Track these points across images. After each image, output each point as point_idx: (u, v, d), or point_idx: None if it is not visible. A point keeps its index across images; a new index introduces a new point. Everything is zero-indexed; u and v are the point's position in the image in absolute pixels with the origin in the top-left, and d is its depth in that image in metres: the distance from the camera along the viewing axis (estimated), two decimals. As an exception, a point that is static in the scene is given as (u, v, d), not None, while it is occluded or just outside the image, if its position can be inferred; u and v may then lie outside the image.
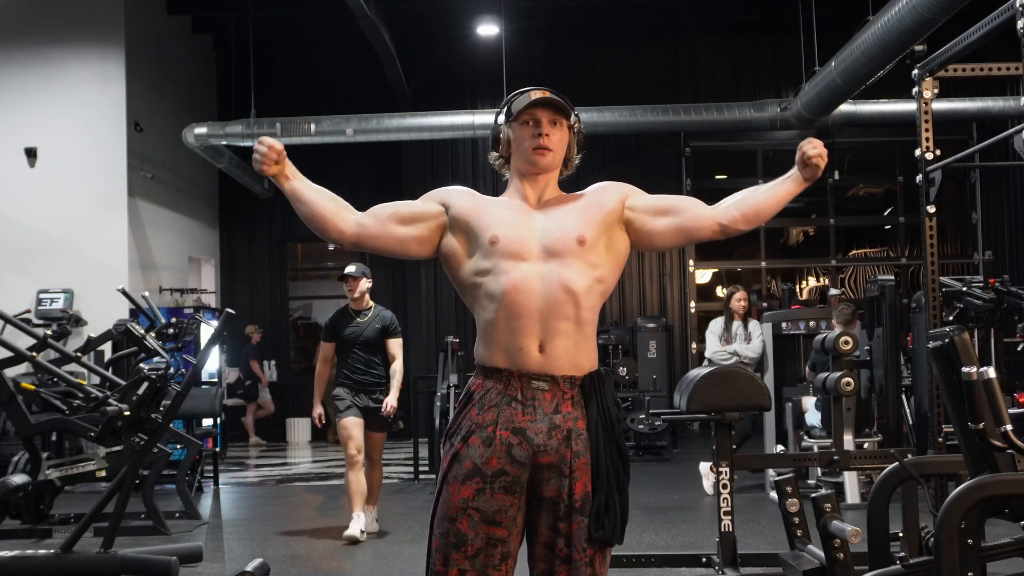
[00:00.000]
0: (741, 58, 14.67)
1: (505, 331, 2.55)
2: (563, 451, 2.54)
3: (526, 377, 2.55)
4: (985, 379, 2.84)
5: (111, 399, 5.54)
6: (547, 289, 2.54)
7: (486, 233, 2.58)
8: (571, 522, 2.53)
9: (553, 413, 2.55)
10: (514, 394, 2.54)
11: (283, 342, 15.15)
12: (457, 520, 2.52)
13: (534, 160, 2.63)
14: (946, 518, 2.77)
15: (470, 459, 2.54)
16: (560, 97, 2.66)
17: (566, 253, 2.56)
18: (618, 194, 2.68)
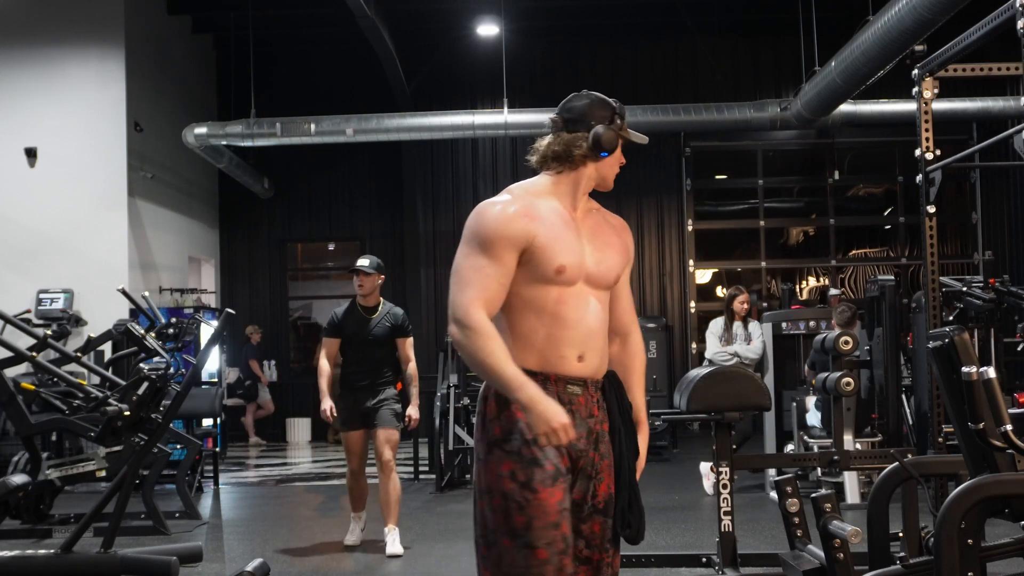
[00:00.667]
0: (741, 58, 14.67)
1: (545, 341, 2.57)
2: (591, 454, 2.59)
3: (563, 381, 2.57)
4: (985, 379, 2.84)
5: (111, 399, 5.54)
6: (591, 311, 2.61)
7: (554, 261, 2.57)
8: (593, 523, 2.56)
9: (588, 417, 2.59)
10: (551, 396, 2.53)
11: (283, 342, 15.14)
12: (560, 525, 2.49)
13: (611, 183, 2.72)
14: (946, 518, 2.77)
15: (550, 461, 2.52)
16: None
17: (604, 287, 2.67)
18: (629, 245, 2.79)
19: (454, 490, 8.87)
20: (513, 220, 2.58)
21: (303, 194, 14.99)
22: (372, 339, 6.26)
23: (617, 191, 12.17)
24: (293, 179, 14.83)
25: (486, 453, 2.57)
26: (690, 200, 14.59)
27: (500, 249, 2.56)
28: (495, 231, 2.58)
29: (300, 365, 15.33)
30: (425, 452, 9.77)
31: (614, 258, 2.67)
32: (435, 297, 14.69)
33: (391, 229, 14.91)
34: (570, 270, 2.57)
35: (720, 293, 14.34)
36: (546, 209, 2.62)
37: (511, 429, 2.53)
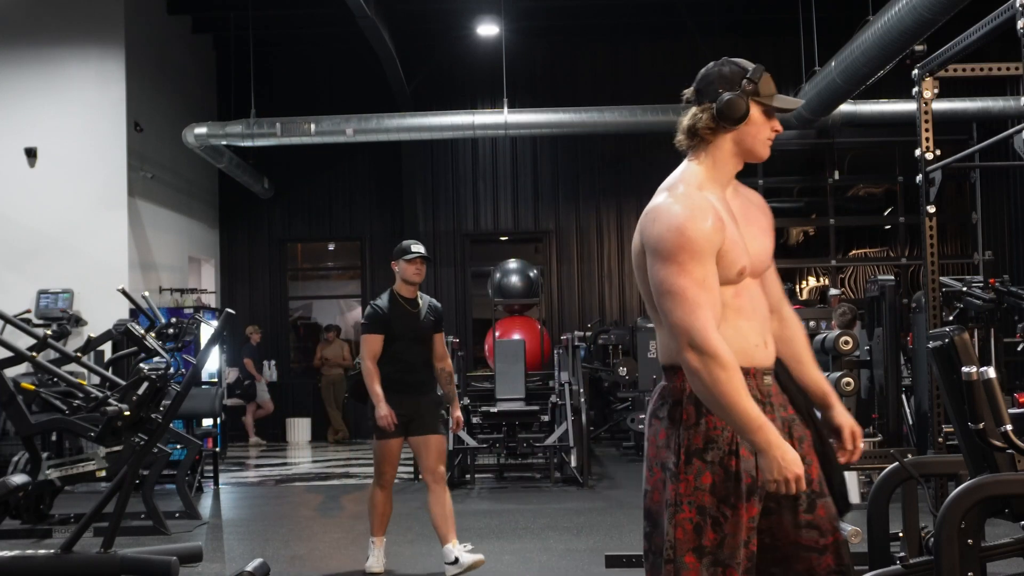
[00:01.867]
0: (741, 58, 14.64)
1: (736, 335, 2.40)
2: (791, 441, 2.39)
3: (760, 373, 2.44)
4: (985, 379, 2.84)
5: (111, 399, 5.54)
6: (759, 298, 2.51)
7: (737, 264, 2.43)
8: (818, 509, 2.41)
9: (781, 408, 2.47)
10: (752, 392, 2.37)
11: (283, 342, 15.14)
12: (749, 543, 2.36)
13: (763, 154, 2.51)
14: (946, 518, 2.77)
15: (748, 474, 2.35)
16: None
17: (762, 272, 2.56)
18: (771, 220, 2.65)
19: (454, 490, 8.85)
20: (712, 225, 2.39)
21: (303, 194, 14.99)
22: (420, 334, 5.66)
23: (617, 191, 12.22)
24: (293, 179, 14.82)
25: (682, 463, 2.38)
26: (690, 200, 14.57)
27: (708, 255, 2.37)
28: (705, 240, 2.36)
29: (300, 365, 15.33)
30: (425, 452, 9.74)
31: (766, 241, 2.53)
32: (435, 297, 14.66)
33: (391, 229, 14.89)
34: (749, 268, 2.46)
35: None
36: (717, 204, 2.47)
37: (713, 439, 2.36)
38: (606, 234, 14.78)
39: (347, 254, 15.80)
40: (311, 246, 15.80)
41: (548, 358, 12.11)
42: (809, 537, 2.40)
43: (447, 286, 14.79)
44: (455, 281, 14.83)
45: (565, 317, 14.56)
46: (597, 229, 14.79)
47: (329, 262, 16.31)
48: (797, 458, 2.27)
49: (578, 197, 14.79)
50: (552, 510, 7.64)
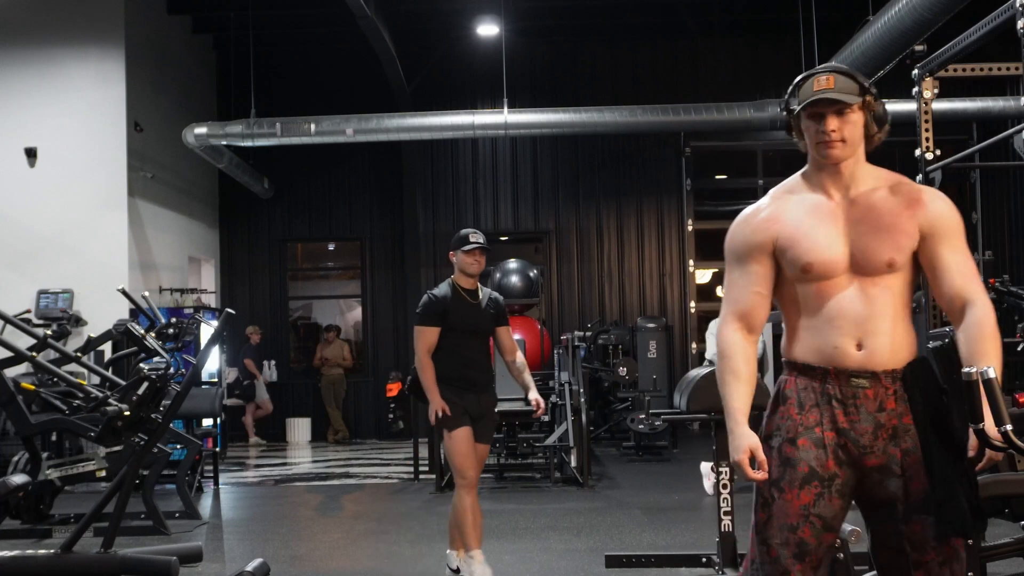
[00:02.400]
0: (741, 58, 14.66)
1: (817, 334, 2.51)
2: (892, 451, 2.45)
3: (844, 375, 2.48)
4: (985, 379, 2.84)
5: (111, 399, 5.54)
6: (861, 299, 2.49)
7: (800, 260, 2.52)
8: (913, 524, 2.42)
9: (877, 411, 2.47)
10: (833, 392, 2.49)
11: (283, 342, 15.14)
12: (798, 529, 2.44)
13: (824, 154, 2.53)
14: (946, 518, 2.76)
15: (805, 463, 2.46)
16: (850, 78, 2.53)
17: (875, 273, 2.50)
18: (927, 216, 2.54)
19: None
20: (754, 227, 2.59)
21: (303, 194, 14.99)
22: (479, 327, 5.35)
23: (617, 191, 12.23)
24: (293, 179, 14.83)
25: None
26: (690, 200, 14.59)
27: (746, 258, 2.58)
28: (738, 242, 2.62)
29: (300, 365, 15.33)
30: (425, 452, 9.77)
31: (883, 243, 2.47)
32: (435, 297, 14.67)
33: (391, 229, 14.90)
34: (818, 266, 2.49)
35: (720, 293, 14.33)
36: (795, 205, 2.57)
37: (778, 426, 2.52)
38: (606, 234, 14.78)
39: (347, 254, 15.80)
40: (311, 246, 15.80)
41: (548, 358, 12.11)
42: (902, 546, 2.44)
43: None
44: (455, 281, 14.80)
45: (565, 317, 14.56)
46: (597, 229, 14.79)
47: (329, 262, 16.31)
48: (743, 445, 2.45)
49: (578, 197, 14.79)
50: (552, 510, 7.64)
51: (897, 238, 2.49)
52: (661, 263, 14.64)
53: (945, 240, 2.51)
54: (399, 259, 14.83)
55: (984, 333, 2.46)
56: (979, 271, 12.16)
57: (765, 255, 2.56)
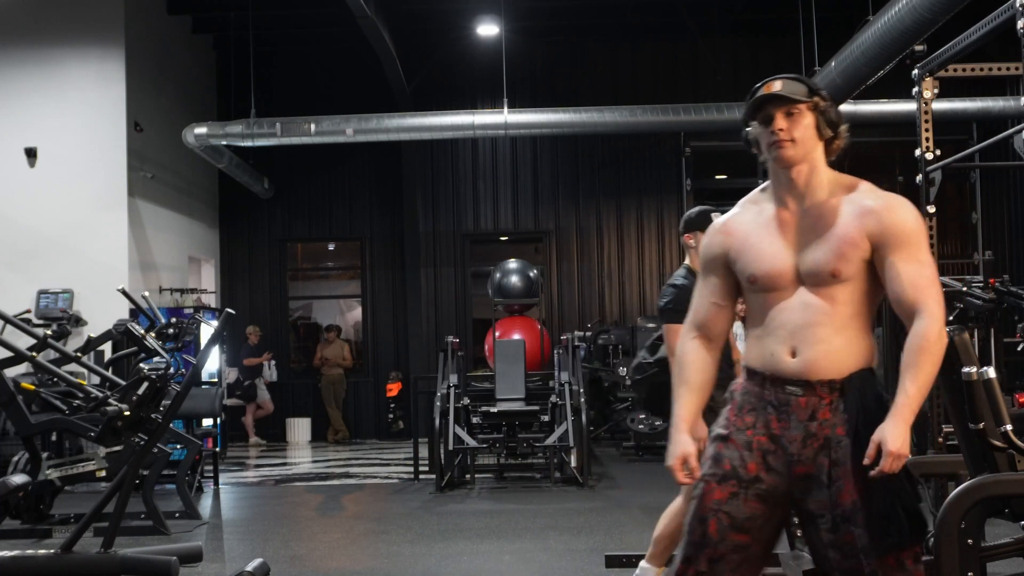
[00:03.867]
0: (741, 58, 14.67)
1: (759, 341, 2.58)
2: (822, 460, 2.45)
3: (780, 381, 2.51)
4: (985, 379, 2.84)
5: (111, 399, 5.54)
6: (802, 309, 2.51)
7: (745, 273, 2.59)
8: (844, 533, 2.41)
9: (808, 420, 2.47)
10: (769, 398, 2.53)
11: (283, 342, 15.14)
12: (705, 522, 2.51)
13: (775, 155, 2.55)
14: (946, 518, 2.77)
15: (728, 461, 2.52)
16: (795, 81, 2.56)
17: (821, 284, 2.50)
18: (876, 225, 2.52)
19: (454, 490, 8.87)
20: (711, 239, 2.69)
21: (303, 194, 14.99)
22: None
23: (617, 191, 12.24)
24: (293, 179, 14.83)
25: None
26: (690, 200, 14.57)
27: (706, 269, 2.69)
28: (703, 253, 2.71)
29: (300, 365, 15.33)
30: (425, 452, 9.77)
31: (827, 253, 2.47)
32: (435, 297, 14.70)
33: (391, 229, 14.90)
34: (763, 278, 2.54)
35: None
36: (753, 216, 2.62)
37: (721, 424, 2.60)
38: (606, 234, 14.78)
39: (347, 254, 15.80)
40: (311, 246, 15.80)
41: (548, 358, 12.11)
42: (833, 557, 2.44)
43: (447, 286, 14.80)
44: (455, 281, 14.83)
45: (565, 317, 14.56)
46: (597, 229, 14.79)
47: (329, 262, 16.32)
48: (677, 452, 2.55)
49: (578, 197, 14.79)
50: (552, 510, 7.64)
51: (842, 248, 2.48)
52: (661, 263, 14.63)
53: (897, 249, 2.48)
54: (399, 259, 14.83)
55: (922, 345, 2.45)
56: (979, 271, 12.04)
57: (721, 267, 2.63)
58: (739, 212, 2.67)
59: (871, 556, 2.39)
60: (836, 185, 2.60)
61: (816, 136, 2.57)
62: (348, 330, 15.57)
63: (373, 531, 7.00)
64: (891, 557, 2.40)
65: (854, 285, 2.49)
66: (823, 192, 2.57)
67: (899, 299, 2.48)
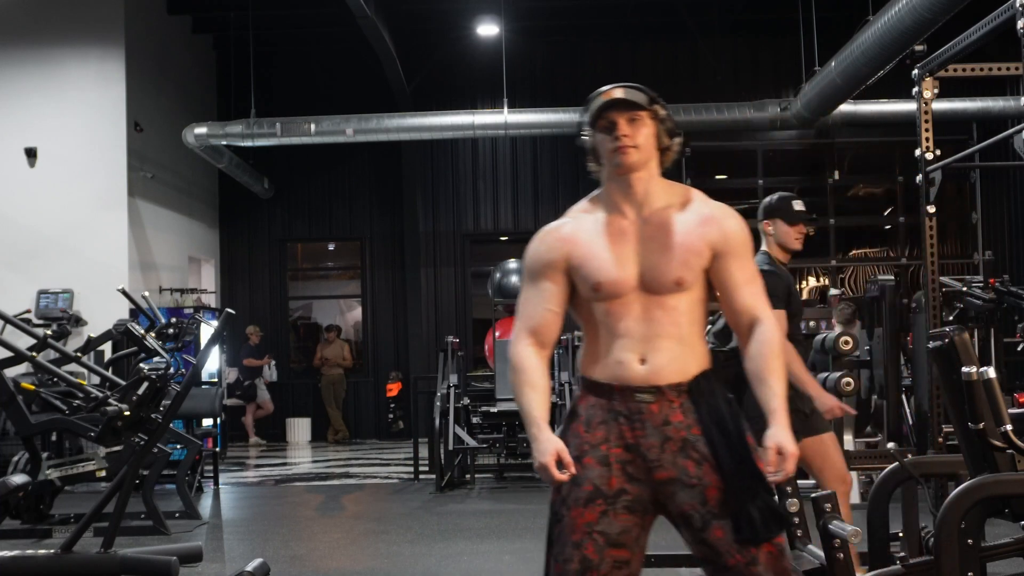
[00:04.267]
0: (741, 58, 14.67)
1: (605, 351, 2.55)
2: (684, 463, 2.48)
3: (629, 390, 2.51)
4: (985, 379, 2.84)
5: (111, 399, 5.54)
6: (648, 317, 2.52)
7: (590, 280, 2.55)
8: (714, 530, 2.46)
9: (663, 425, 2.49)
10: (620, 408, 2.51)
11: (283, 342, 15.14)
12: (581, 546, 2.47)
13: (619, 161, 2.54)
14: (946, 518, 2.77)
15: (589, 482, 2.49)
16: (636, 89, 2.56)
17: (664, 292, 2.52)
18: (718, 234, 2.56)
19: (454, 490, 8.87)
20: (548, 245, 2.64)
21: (303, 194, 14.99)
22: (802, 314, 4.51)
23: (617, 191, 11.84)
24: (293, 179, 14.83)
25: None
26: (690, 200, 14.57)
27: (539, 276, 2.62)
28: (533, 259, 2.65)
29: (300, 365, 15.34)
30: (425, 452, 9.77)
31: (671, 262, 2.51)
32: (435, 297, 14.69)
33: (391, 229, 14.90)
34: (607, 286, 2.52)
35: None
36: (590, 224, 2.61)
37: (568, 443, 2.53)
38: (606, 234, 14.76)
39: (347, 254, 15.80)
40: (311, 246, 15.80)
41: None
42: (707, 555, 2.48)
43: (447, 286, 14.80)
44: (455, 281, 14.83)
45: (565, 317, 14.55)
46: (597, 229, 14.77)
47: (329, 262, 16.31)
48: (548, 448, 2.45)
49: (578, 197, 14.31)
50: (552, 510, 7.63)
51: (686, 257, 2.52)
52: (661, 263, 14.62)
53: (735, 258, 2.55)
54: (399, 259, 14.83)
55: (773, 351, 2.52)
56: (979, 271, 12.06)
57: (558, 273, 2.59)
58: (576, 220, 2.64)
59: (740, 550, 2.45)
60: (671, 193, 2.60)
61: (655, 144, 2.58)
62: (348, 330, 15.57)
63: (373, 531, 7.01)
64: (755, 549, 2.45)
65: (693, 293, 2.54)
66: (660, 200, 2.58)
67: (740, 308, 2.56)
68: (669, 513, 2.51)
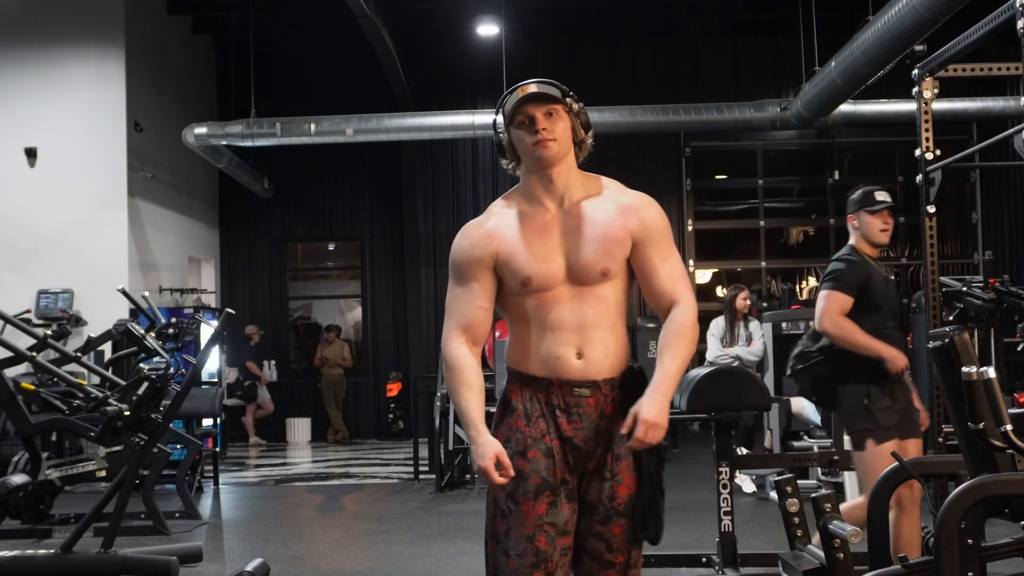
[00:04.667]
0: (741, 58, 14.66)
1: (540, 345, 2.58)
2: (607, 457, 2.57)
3: (568, 385, 2.56)
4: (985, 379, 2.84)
5: (111, 399, 5.54)
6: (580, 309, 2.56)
7: (519, 275, 2.58)
8: (613, 526, 2.55)
9: (598, 419, 2.57)
10: (557, 402, 2.57)
11: (283, 342, 15.14)
12: (534, 539, 2.52)
13: (539, 155, 2.56)
14: (946, 518, 2.77)
15: (536, 475, 2.54)
16: (549, 84, 2.60)
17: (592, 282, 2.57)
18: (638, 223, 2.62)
19: (454, 490, 8.87)
20: (474, 242, 2.62)
21: (303, 194, 14.99)
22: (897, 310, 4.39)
23: (617, 191, 11.78)
24: (293, 179, 14.83)
25: None
26: (690, 200, 14.59)
27: (467, 273, 2.62)
28: (459, 257, 2.64)
29: (300, 365, 15.34)
30: (425, 452, 9.77)
31: (596, 252, 2.56)
32: (435, 297, 14.68)
33: (391, 229, 14.90)
34: (536, 279, 2.56)
35: (720, 293, 14.32)
36: (514, 219, 2.62)
37: (507, 438, 2.57)
38: (606, 234, 14.76)
39: (347, 254, 15.80)
40: (311, 246, 15.80)
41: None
42: (596, 547, 2.55)
43: (447, 286, 14.78)
44: (455, 281, 14.81)
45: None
46: (597, 229, 14.77)
47: (329, 262, 16.31)
48: (486, 454, 2.46)
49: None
50: (552, 510, 7.63)
51: (610, 247, 2.56)
52: (661, 263, 14.62)
53: (655, 246, 2.60)
54: (399, 259, 14.83)
55: (679, 330, 2.57)
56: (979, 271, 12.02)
57: (486, 270, 2.60)
58: (499, 216, 2.64)
59: (632, 546, 2.56)
60: (589, 184, 2.65)
61: (571, 137, 2.61)
62: (348, 330, 15.57)
63: (373, 531, 7.01)
64: (638, 548, 2.59)
65: (618, 283, 2.59)
66: (579, 192, 2.62)
67: (659, 292, 2.61)
68: (580, 499, 2.57)
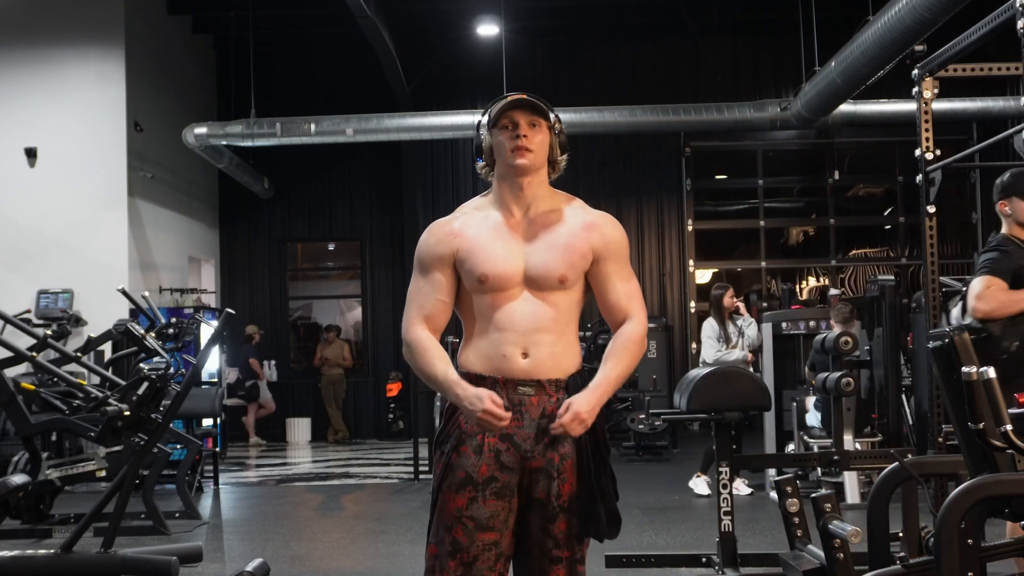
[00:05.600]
0: (741, 58, 14.66)
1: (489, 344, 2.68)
2: (551, 455, 2.64)
3: (512, 383, 2.65)
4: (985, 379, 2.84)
5: (111, 399, 5.54)
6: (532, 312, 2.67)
7: (476, 272, 2.68)
8: (559, 522, 2.64)
9: (540, 418, 2.65)
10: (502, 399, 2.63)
11: (283, 342, 15.14)
12: (452, 529, 2.62)
13: (514, 161, 2.67)
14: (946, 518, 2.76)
15: (463, 469, 2.63)
16: (538, 99, 2.71)
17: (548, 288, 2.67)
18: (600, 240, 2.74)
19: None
20: (438, 239, 2.74)
21: (303, 194, 14.99)
22: None
23: (617, 191, 12.23)
24: (293, 179, 14.83)
25: (434, 450, 2.78)
26: (690, 200, 14.59)
27: (430, 267, 2.73)
28: (423, 252, 2.76)
29: (300, 365, 15.34)
30: (425, 452, 9.77)
31: (557, 260, 2.67)
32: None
33: (391, 229, 14.91)
34: (493, 278, 2.65)
35: (720, 293, 14.32)
36: (479, 221, 2.74)
37: (449, 434, 2.68)
38: (606, 234, 14.75)
39: (347, 254, 15.80)
40: (311, 246, 15.80)
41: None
42: (543, 542, 2.65)
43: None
44: (455, 281, 14.81)
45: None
46: (597, 229, 14.76)
47: (329, 262, 16.31)
48: (482, 397, 2.55)
49: (578, 197, 14.75)
50: (552, 510, 7.63)
51: (571, 257, 2.69)
52: (661, 263, 14.63)
53: (615, 263, 2.74)
54: (399, 259, 14.82)
55: (626, 344, 2.71)
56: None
57: (447, 266, 2.71)
58: (466, 216, 2.76)
59: (578, 543, 2.65)
60: (556, 199, 2.78)
61: (548, 153, 2.74)
62: (348, 330, 15.57)
63: (373, 531, 7.01)
64: (585, 544, 2.69)
65: (573, 293, 2.70)
66: (546, 204, 2.75)
67: (614, 307, 2.75)
68: (527, 496, 2.65)
